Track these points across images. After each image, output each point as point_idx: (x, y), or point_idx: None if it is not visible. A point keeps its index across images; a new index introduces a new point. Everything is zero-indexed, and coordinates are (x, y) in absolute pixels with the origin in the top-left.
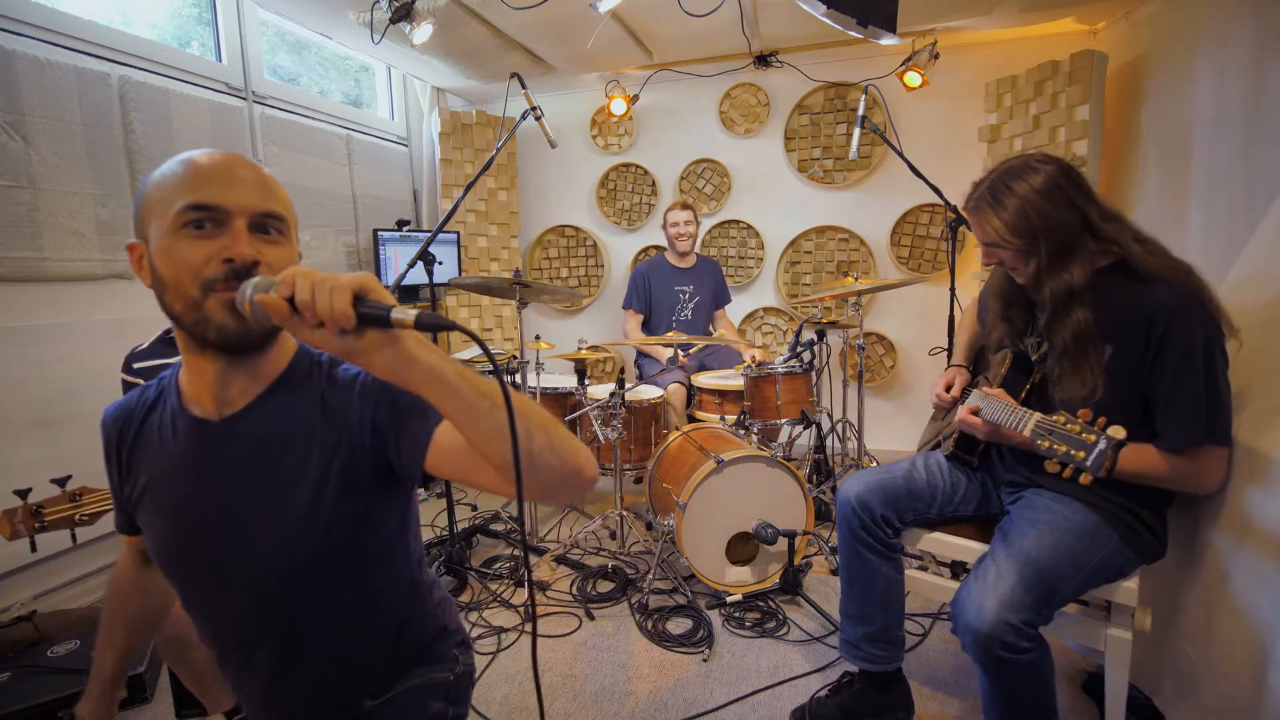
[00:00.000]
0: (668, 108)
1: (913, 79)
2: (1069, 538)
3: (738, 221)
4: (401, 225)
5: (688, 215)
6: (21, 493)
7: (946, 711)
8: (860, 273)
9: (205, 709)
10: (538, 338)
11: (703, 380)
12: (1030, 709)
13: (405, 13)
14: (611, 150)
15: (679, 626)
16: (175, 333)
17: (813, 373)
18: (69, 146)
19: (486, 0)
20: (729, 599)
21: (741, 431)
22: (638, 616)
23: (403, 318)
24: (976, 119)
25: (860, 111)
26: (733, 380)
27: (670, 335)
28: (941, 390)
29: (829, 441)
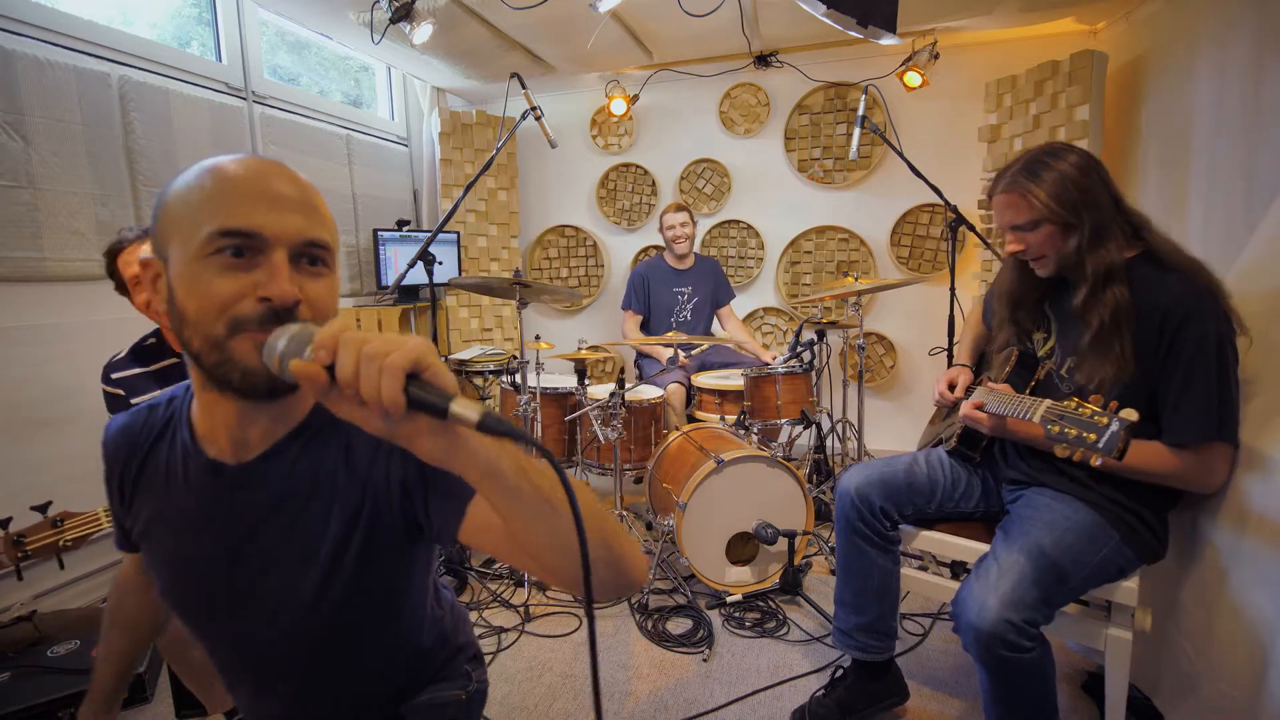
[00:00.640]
0: (668, 108)
1: (913, 79)
2: (1070, 537)
3: (738, 221)
4: (401, 225)
5: (683, 217)
6: (2, 523)
7: (946, 711)
8: (860, 273)
9: (205, 709)
10: (538, 338)
11: (702, 380)
12: (1031, 708)
13: (405, 13)
14: (611, 150)
15: (679, 626)
16: (190, 369)
17: (813, 373)
18: (69, 146)
19: (486, 0)
20: (729, 599)
21: (741, 431)
22: (638, 616)
23: (464, 414)
24: (976, 119)
25: (860, 111)
26: (733, 380)
27: (670, 335)
28: (944, 388)
29: (829, 442)
